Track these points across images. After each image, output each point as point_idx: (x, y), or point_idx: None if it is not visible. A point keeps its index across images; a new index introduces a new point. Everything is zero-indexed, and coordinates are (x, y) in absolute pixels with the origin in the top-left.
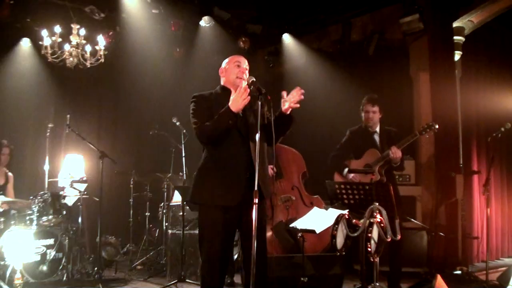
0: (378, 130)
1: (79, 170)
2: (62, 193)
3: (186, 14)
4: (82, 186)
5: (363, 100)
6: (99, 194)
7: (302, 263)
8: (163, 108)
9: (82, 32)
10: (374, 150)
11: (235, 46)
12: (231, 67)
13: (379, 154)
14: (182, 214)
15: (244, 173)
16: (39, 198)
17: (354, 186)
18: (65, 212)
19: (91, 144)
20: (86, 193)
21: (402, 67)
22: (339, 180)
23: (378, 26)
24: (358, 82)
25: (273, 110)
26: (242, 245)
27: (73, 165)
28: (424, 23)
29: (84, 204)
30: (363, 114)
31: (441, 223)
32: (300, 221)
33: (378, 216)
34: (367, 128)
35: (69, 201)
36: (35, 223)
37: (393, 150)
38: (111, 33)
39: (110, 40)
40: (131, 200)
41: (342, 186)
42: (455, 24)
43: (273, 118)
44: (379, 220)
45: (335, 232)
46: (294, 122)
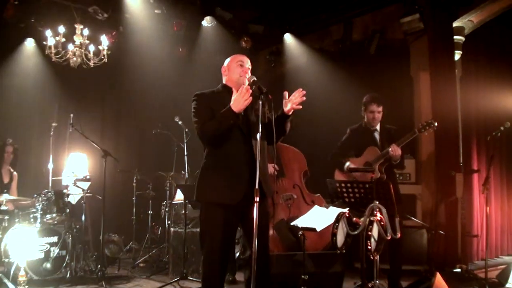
0: (378, 128)
1: (83, 169)
2: (65, 191)
3: (189, 14)
4: (85, 185)
5: (366, 99)
6: (102, 192)
7: (303, 261)
8: (166, 107)
9: (86, 32)
10: (374, 148)
11: (237, 46)
12: (234, 66)
13: (379, 152)
14: (184, 212)
15: (245, 171)
16: (43, 196)
17: (355, 185)
18: (68, 210)
19: (94, 143)
20: (89, 191)
21: (402, 67)
22: (340, 178)
23: (379, 25)
24: (359, 81)
25: (274, 109)
26: (245, 243)
27: (76, 163)
28: (424, 23)
29: (87, 202)
30: (368, 114)
31: (441, 222)
32: (301, 219)
33: (378, 214)
34: (368, 126)
35: (72, 199)
36: (39, 221)
37: (392, 148)
38: (114, 33)
39: (113, 40)
40: (134, 198)
41: (343, 185)
42: (455, 24)
43: (274, 117)
44: (379, 218)
45: (336, 230)
46: (290, 123)
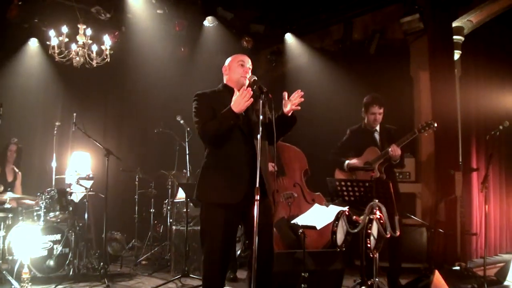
0: (378, 128)
1: (86, 167)
2: (68, 189)
3: (190, 14)
4: (88, 183)
5: (367, 100)
6: (105, 190)
7: (303, 259)
8: (168, 106)
9: (89, 32)
10: (374, 148)
11: (239, 45)
12: (235, 66)
13: (379, 152)
14: (186, 210)
15: (246, 171)
16: (46, 194)
17: (355, 183)
18: (71, 208)
19: (97, 142)
20: (92, 190)
21: (402, 66)
22: (340, 177)
23: (379, 25)
24: (359, 80)
25: (275, 109)
26: (248, 241)
27: (79, 162)
28: (424, 23)
29: (90, 200)
30: (369, 115)
31: (440, 220)
32: (301, 217)
33: (378, 212)
34: (368, 127)
35: (75, 197)
36: (42, 219)
37: (392, 148)
38: (117, 33)
39: (116, 40)
40: (136, 196)
41: (343, 183)
42: (455, 23)
43: (274, 117)
44: (379, 216)
45: (336, 228)
46: (296, 122)
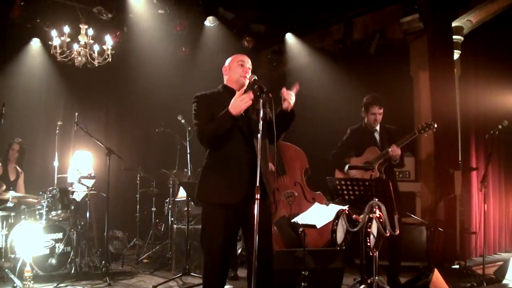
0: (378, 128)
1: (87, 167)
2: (70, 188)
3: (191, 14)
4: (90, 182)
5: (367, 101)
6: (107, 189)
7: (303, 257)
8: (169, 106)
9: (90, 32)
10: (374, 148)
11: (239, 45)
12: (235, 66)
13: (379, 152)
14: (187, 209)
15: (246, 171)
16: (48, 193)
17: (354, 182)
18: (73, 207)
19: (98, 141)
20: (93, 188)
21: (402, 66)
22: (340, 176)
23: (379, 25)
24: (360, 80)
25: (275, 108)
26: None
27: (81, 161)
28: (424, 23)
29: (91, 199)
30: (369, 116)
31: (440, 219)
32: (301, 216)
33: (378, 211)
34: (368, 127)
35: (77, 196)
36: (44, 218)
37: (392, 148)
38: (118, 33)
39: (117, 39)
40: (138, 195)
41: (343, 182)
42: (454, 23)
43: (275, 115)
44: (378, 215)
45: (336, 227)
46: (294, 118)
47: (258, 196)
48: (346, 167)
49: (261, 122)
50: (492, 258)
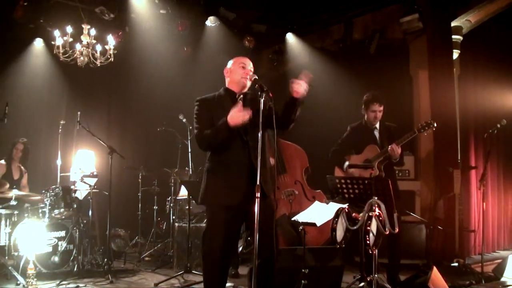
0: (378, 126)
1: (90, 165)
2: (73, 187)
3: (193, 14)
4: (92, 181)
5: (367, 98)
6: (109, 188)
7: (303, 255)
8: (170, 105)
9: (93, 32)
10: (374, 146)
11: (241, 45)
12: (236, 68)
13: (379, 150)
14: (188, 207)
15: (244, 172)
16: (51, 192)
17: (354, 181)
18: (76, 205)
19: (101, 140)
20: (96, 187)
21: (402, 65)
22: (340, 174)
23: (379, 25)
24: (360, 79)
25: (275, 107)
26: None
27: (84, 160)
28: (423, 23)
29: (94, 198)
30: (369, 113)
31: (439, 217)
32: (301, 214)
33: (377, 210)
34: (368, 124)
35: (80, 195)
36: (47, 216)
37: (392, 147)
38: (120, 33)
39: (120, 39)
40: (140, 194)
41: (343, 181)
42: (453, 23)
43: (284, 103)
44: (378, 213)
45: (335, 225)
46: (300, 105)
47: (258, 194)
48: (346, 164)
49: (261, 123)
50: (490, 256)
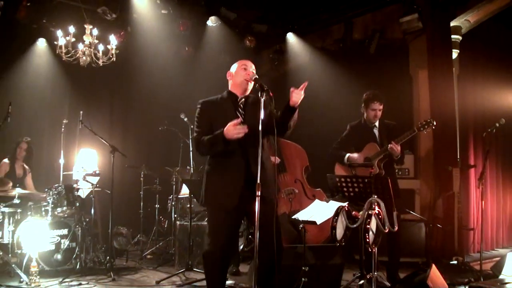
0: (377, 124)
1: (92, 164)
2: (75, 186)
3: (194, 15)
4: (94, 179)
5: (367, 97)
6: (111, 187)
7: (303, 253)
8: (172, 104)
9: (95, 32)
10: (374, 144)
11: (241, 45)
12: (238, 71)
13: (379, 148)
14: (189, 206)
15: (243, 175)
16: (54, 190)
17: (354, 180)
18: (78, 204)
19: (103, 139)
20: (98, 186)
21: (402, 65)
22: (340, 172)
23: (379, 25)
24: (360, 79)
25: (276, 106)
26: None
27: (86, 159)
28: (423, 23)
29: (96, 196)
30: (369, 111)
31: (438, 215)
32: (302, 213)
33: (377, 208)
34: (367, 123)
35: (82, 193)
36: (50, 214)
37: (391, 145)
38: (123, 33)
39: (122, 39)
40: (142, 192)
41: (343, 179)
42: (453, 23)
43: (281, 110)
44: (377, 212)
45: (335, 223)
46: (296, 111)
47: (259, 193)
48: (346, 156)
49: (261, 123)
50: (489, 254)
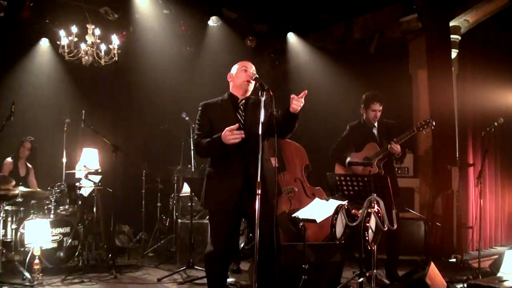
0: (376, 124)
1: (94, 163)
2: (78, 184)
3: (195, 14)
4: (96, 178)
5: (367, 97)
6: (113, 185)
7: (303, 251)
8: (173, 104)
9: (97, 32)
10: (374, 144)
11: (242, 45)
12: (238, 72)
13: (378, 148)
14: (190, 204)
15: (241, 178)
16: (56, 189)
17: (354, 178)
18: (80, 202)
19: (105, 138)
20: (100, 184)
21: (401, 65)
22: (340, 171)
23: (378, 25)
24: (360, 79)
25: (276, 105)
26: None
27: (88, 158)
28: (422, 23)
29: (98, 194)
30: (369, 112)
31: (437, 214)
32: (302, 211)
33: (376, 206)
34: (367, 123)
35: (84, 192)
36: (53, 212)
37: (391, 145)
38: (125, 32)
39: (124, 39)
40: (143, 191)
41: (342, 178)
42: (452, 23)
43: (281, 114)
44: (377, 210)
45: (335, 221)
46: (297, 119)
47: (259, 191)
48: (348, 160)
49: (261, 126)
50: (488, 252)
